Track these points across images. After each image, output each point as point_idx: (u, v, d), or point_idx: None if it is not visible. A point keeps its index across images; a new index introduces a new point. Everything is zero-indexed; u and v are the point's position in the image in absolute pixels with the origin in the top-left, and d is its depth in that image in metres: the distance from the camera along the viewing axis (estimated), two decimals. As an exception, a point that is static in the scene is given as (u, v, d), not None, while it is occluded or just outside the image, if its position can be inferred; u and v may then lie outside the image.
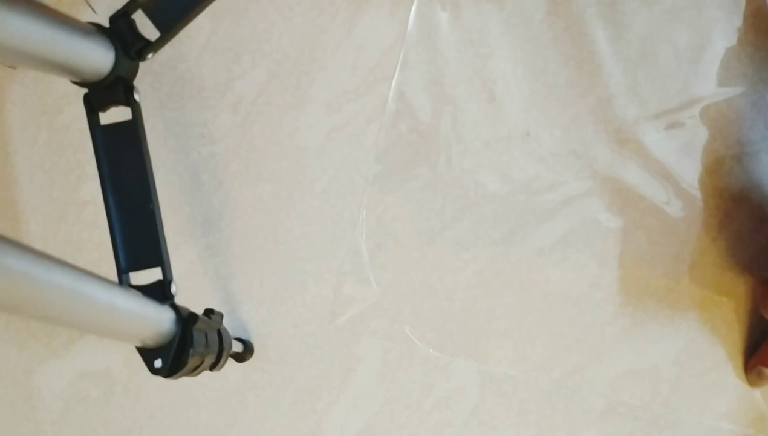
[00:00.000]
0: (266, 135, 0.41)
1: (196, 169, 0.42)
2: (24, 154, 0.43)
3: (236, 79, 0.41)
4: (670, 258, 0.39)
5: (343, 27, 0.40)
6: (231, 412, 0.42)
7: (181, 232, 0.42)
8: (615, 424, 0.39)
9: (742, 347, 0.38)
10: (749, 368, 0.38)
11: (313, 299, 0.41)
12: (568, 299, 0.39)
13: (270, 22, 0.41)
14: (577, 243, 0.39)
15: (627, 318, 0.39)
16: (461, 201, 0.40)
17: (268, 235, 0.41)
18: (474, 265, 0.40)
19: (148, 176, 0.34)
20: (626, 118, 0.38)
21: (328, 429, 0.41)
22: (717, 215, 0.38)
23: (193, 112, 0.41)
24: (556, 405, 0.39)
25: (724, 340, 0.38)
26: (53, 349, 0.44)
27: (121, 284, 0.34)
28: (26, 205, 0.43)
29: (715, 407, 0.38)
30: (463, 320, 0.40)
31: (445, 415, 0.40)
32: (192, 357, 0.32)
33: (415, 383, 0.41)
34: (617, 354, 0.39)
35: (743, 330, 0.38)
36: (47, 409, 0.44)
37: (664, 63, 0.38)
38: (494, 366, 0.40)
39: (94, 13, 0.41)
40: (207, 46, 0.41)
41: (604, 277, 0.39)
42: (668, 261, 0.39)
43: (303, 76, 0.41)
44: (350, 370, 0.41)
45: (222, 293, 0.42)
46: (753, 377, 0.38)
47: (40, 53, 0.29)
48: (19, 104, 0.43)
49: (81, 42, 0.31)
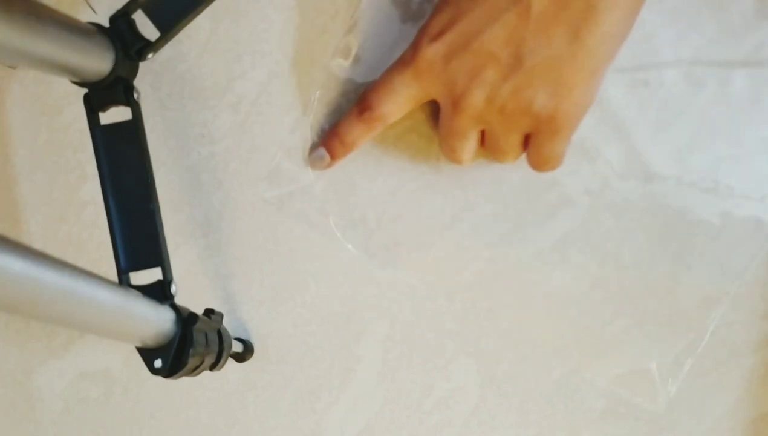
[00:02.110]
0: (266, 135, 0.41)
1: (196, 169, 0.42)
2: (24, 154, 0.43)
3: (236, 79, 0.41)
4: (670, 258, 0.39)
5: (343, 27, 0.40)
6: (231, 412, 0.42)
7: (181, 232, 0.42)
8: (615, 424, 0.39)
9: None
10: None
11: (313, 299, 0.41)
12: (568, 298, 0.39)
13: (270, 22, 0.41)
14: (577, 243, 0.39)
15: (627, 318, 0.39)
16: (461, 201, 0.40)
17: (268, 235, 0.41)
18: (474, 265, 0.40)
19: (148, 176, 0.35)
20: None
21: (328, 429, 0.41)
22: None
23: (193, 112, 0.41)
24: (556, 405, 0.39)
25: (724, 340, 0.38)
26: (53, 349, 0.44)
27: (121, 284, 0.34)
28: (26, 205, 0.43)
29: (715, 407, 0.38)
30: (463, 320, 0.40)
31: (445, 415, 0.40)
32: (192, 357, 0.32)
33: (415, 383, 0.41)
34: (617, 354, 0.39)
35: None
36: (47, 409, 0.44)
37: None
38: (494, 366, 0.40)
39: (94, 13, 0.41)
40: (207, 46, 0.41)
41: (604, 277, 0.39)
42: (668, 261, 0.39)
43: (303, 76, 0.41)
44: (350, 370, 0.41)
45: (222, 293, 0.42)
46: (312, 156, 0.38)
47: (40, 53, 0.29)
48: (19, 104, 0.43)
49: (81, 42, 0.31)
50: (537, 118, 0.32)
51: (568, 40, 0.30)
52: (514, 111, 0.32)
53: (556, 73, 0.31)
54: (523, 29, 0.30)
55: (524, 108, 0.32)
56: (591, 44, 0.30)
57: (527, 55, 0.30)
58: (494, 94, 0.32)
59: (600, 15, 0.29)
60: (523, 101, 0.32)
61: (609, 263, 0.39)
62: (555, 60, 0.30)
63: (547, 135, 0.33)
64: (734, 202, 0.38)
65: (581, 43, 0.30)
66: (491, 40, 0.31)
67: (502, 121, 0.33)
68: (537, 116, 0.32)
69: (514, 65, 0.31)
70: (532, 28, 0.30)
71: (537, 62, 0.31)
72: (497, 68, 0.31)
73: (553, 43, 0.30)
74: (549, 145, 0.33)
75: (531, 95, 0.31)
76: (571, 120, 0.32)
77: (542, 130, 0.33)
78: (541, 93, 0.31)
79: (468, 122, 0.34)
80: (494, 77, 0.32)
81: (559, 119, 0.32)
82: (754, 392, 0.38)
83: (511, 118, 0.33)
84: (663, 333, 0.39)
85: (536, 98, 0.31)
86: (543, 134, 0.33)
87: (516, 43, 0.31)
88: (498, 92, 0.32)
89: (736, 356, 0.38)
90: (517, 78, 0.31)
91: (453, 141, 0.35)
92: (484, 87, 0.32)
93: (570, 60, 0.30)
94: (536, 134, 0.33)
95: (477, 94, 0.32)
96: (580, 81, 0.31)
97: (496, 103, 0.32)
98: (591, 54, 0.30)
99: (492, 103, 0.32)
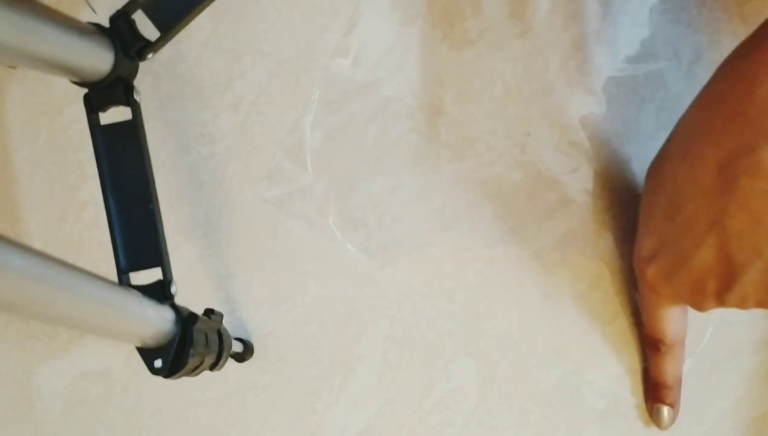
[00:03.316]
0: (266, 135, 0.41)
1: (196, 169, 0.42)
2: (24, 154, 0.43)
3: (236, 79, 0.41)
4: (670, 258, 0.39)
5: (343, 27, 0.40)
6: (231, 412, 0.42)
7: (181, 232, 0.42)
8: (615, 424, 0.39)
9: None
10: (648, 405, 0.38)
11: (313, 299, 0.41)
12: (568, 299, 0.39)
13: (270, 22, 0.41)
14: (577, 243, 0.39)
15: (627, 318, 0.39)
16: (461, 201, 0.40)
17: (268, 235, 0.41)
18: (474, 265, 0.40)
19: (148, 176, 0.35)
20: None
21: (328, 429, 0.41)
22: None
23: (193, 112, 0.41)
24: (556, 405, 0.39)
25: (724, 340, 0.38)
26: (54, 349, 0.44)
27: (121, 284, 0.34)
28: (26, 205, 0.43)
29: (715, 408, 0.38)
30: (462, 320, 0.40)
31: (445, 415, 0.40)
32: (192, 357, 0.32)
33: (415, 383, 0.41)
34: (617, 354, 0.39)
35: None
36: (47, 409, 0.44)
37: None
38: (494, 366, 0.40)
39: (94, 13, 0.41)
40: (207, 46, 0.41)
41: (604, 277, 0.39)
42: (668, 261, 0.39)
43: (303, 76, 0.41)
44: (350, 370, 0.41)
45: (222, 293, 0.42)
46: (654, 415, 0.38)
47: (40, 53, 0.29)
48: (19, 104, 0.43)
49: (81, 42, 0.31)
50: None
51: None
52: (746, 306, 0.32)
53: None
54: (728, 247, 0.30)
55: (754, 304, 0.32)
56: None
57: (739, 269, 0.31)
58: (724, 298, 0.32)
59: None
60: (753, 302, 0.32)
61: (609, 262, 0.39)
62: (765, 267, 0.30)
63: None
64: (734, 202, 0.38)
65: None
66: (702, 262, 0.31)
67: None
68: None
69: (732, 278, 0.31)
70: (735, 246, 0.30)
71: (749, 278, 0.31)
72: (717, 281, 0.32)
73: (755, 256, 0.30)
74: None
75: (757, 298, 0.31)
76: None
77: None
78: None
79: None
80: (718, 288, 0.32)
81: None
82: (754, 393, 0.38)
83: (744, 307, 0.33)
84: (663, 333, 0.39)
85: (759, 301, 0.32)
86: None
87: (726, 260, 0.31)
88: (727, 298, 0.32)
89: (737, 356, 0.38)
90: (739, 287, 0.31)
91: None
92: (711, 298, 0.32)
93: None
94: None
95: (709, 304, 0.33)
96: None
97: (728, 305, 0.32)
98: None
99: (724, 304, 0.32)
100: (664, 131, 0.39)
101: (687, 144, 0.32)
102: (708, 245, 0.31)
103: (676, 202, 0.32)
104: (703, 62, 0.38)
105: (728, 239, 0.30)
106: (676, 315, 0.36)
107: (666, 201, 0.33)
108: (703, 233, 0.31)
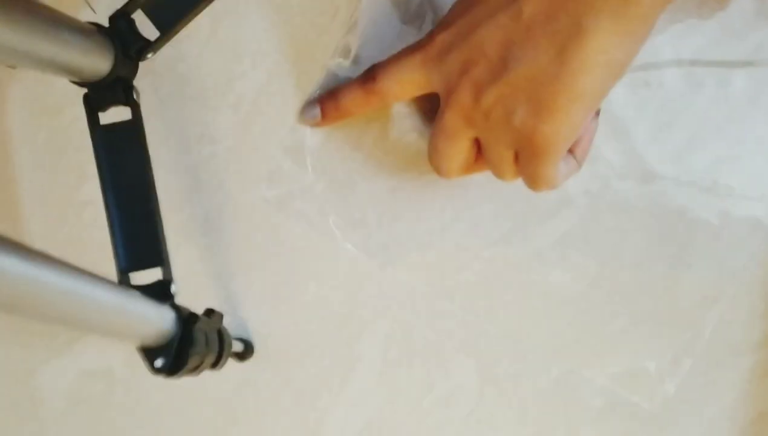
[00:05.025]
0: (266, 135, 0.41)
1: (196, 169, 0.42)
2: (24, 154, 0.43)
3: (236, 79, 0.41)
4: (669, 257, 0.39)
5: (343, 27, 0.40)
6: (231, 411, 0.42)
7: (181, 232, 0.42)
8: (613, 423, 0.39)
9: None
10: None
11: (313, 299, 0.41)
12: (567, 298, 0.39)
13: (270, 22, 0.41)
14: (577, 243, 0.39)
15: (626, 317, 0.39)
16: (461, 201, 0.40)
17: (268, 235, 0.41)
18: (474, 265, 0.40)
19: (148, 176, 0.35)
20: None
21: (328, 428, 0.41)
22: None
23: (193, 112, 0.41)
24: (556, 404, 0.40)
25: (722, 339, 0.38)
26: (55, 348, 0.44)
27: (121, 284, 0.34)
28: (26, 205, 0.43)
29: (713, 407, 0.38)
30: (463, 320, 0.40)
31: (444, 414, 0.40)
32: (192, 357, 0.32)
33: (415, 382, 0.41)
34: (616, 353, 0.39)
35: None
36: (49, 408, 0.44)
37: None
38: (494, 366, 0.40)
39: (94, 13, 0.41)
40: (207, 46, 0.41)
41: (603, 276, 0.39)
42: (667, 260, 0.39)
43: (303, 76, 0.41)
44: (350, 369, 0.41)
45: (222, 293, 0.42)
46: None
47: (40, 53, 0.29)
48: (19, 104, 0.43)
49: (81, 42, 0.31)
50: (518, 133, 0.31)
51: (551, 56, 0.29)
52: (499, 120, 0.31)
53: (538, 90, 0.29)
54: (514, 33, 0.29)
55: (506, 119, 0.31)
56: (574, 67, 0.28)
57: (513, 61, 0.29)
58: (480, 95, 0.31)
59: (586, 36, 0.28)
60: (505, 110, 0.30)
61: (608, 262, 0.39)
62: (538, 74, 0.29)
63: (530, 156, 0.31)
64: (733, 201, 0.38)
65: (564, 63, 0.28)
66: (485, 36, 0.30)
67: (488, 129, 0.32)
68: (518, 132, 0.31)
69: (501, 68, 0.30)
70: (522, 34, 0.29)
71: (521, 72, 0.29)
72: (486, 66, 0.30)
73: (538, 54, 0.29)
74: (533, 167, 0.32)
75: (513, 106, 0.30)
76: (551, 146, 0.31)
77: (525, 148, 0.31)
78: (523, 107, 0.30)
79: (455, 121, 0.32)
80: (482, 76, 0.31)
81: (537, 141, 0.30)
82: (752, 392, 0.38)
83: (496, 127, 0.31)
84: (661, 332, 0.39)
85: (517, 111, 0.30)
86: (526, 153, 0.31)
87: (506, 46, 0.30)
88: (484, 93, 0.31)
89: (735, 355, 0.38)
90: (502, 83, 0.30)
91: (438, 140, 0.34)
92: (472, 84, 0.31)
93: (553, 79, 0.29)
94: (521, 151, 0.32)
95: (465, 91, 0.31)
96: (561, 106, 0.29)
97: (482, 106, 0.31)
98: (574, 78, 0.29)
99: (478, 103, 0.31)
100: (664, 131, 0.39)
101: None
102: (497, 22, 0.29)
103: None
104: (703, 62, 0.38)
105: (517, 24, 0.29)
106: (406, 77, 0.34)
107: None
108: (500, 8, 0.29)
